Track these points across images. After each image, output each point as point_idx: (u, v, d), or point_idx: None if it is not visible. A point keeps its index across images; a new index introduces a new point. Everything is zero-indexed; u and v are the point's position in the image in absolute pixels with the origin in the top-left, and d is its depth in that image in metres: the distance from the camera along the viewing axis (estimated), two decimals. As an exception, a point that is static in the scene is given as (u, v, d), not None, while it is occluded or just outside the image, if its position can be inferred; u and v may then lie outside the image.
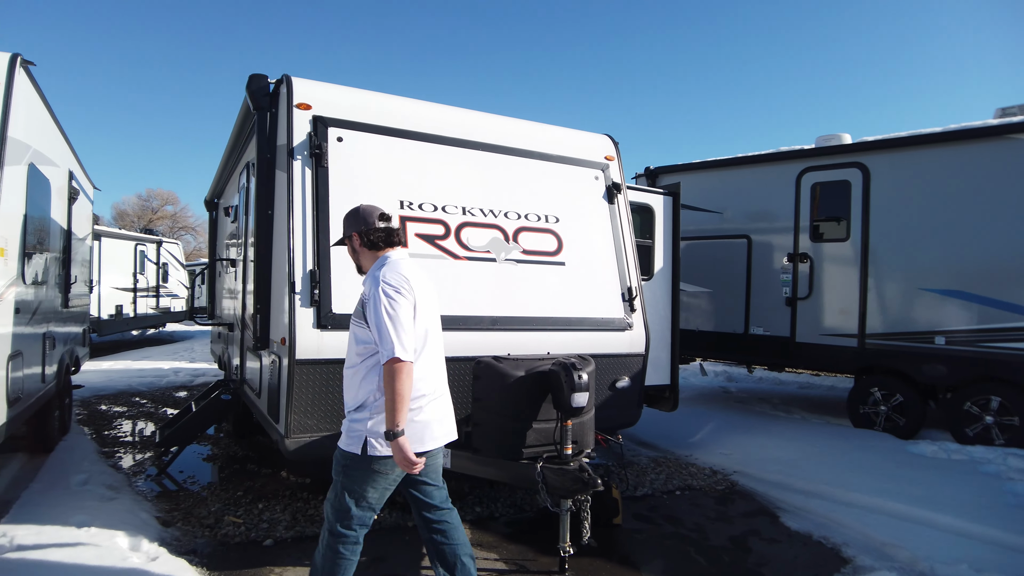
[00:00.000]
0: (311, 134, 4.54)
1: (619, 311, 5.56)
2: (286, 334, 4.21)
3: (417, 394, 2.80)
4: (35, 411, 5.51)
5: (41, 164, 5.34)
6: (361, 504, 2.85)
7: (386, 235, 3.04)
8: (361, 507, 2.86)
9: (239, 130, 6.17)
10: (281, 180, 4.63)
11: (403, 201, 4.78)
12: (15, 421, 4.68)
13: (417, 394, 2.80)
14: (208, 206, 10.24)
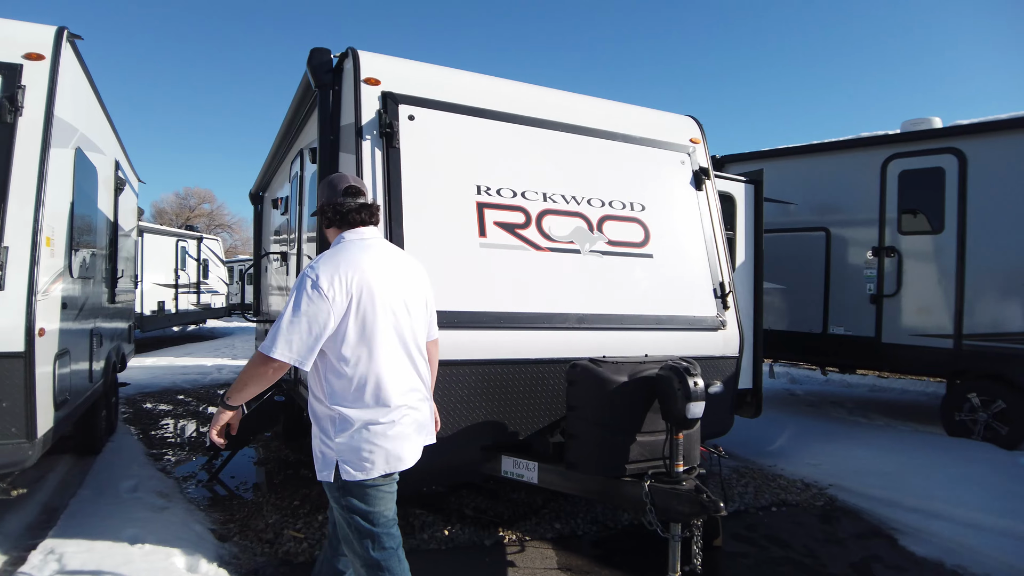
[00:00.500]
0: (380, 111, 4.10)
1: (711, 309, 5.03)
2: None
3: (368, 408, 2.42)
4: (82, 412, 5.18)
5: (88, 150, 5.00)
6: (379, 522, 2.48)
7: (344, 213, 2.63)
8: (380, 525, 2.48)
9: (292, 115, 5.76)
10: (347, 163, 4.20)
11: (480, 186, 4.31)
12: (62, 424, 4.34)
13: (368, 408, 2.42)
14: (253, 199, 9.92)
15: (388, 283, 2.50)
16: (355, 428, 2.40)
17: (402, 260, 2.69)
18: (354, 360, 2.39)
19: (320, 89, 4.38)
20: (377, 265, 2.50)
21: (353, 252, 2.50)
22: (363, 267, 2.44)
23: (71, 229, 4.50)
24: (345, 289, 2.36)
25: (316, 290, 2.33)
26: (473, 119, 4.43)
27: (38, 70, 3.94)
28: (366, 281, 2.42)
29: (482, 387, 4.06)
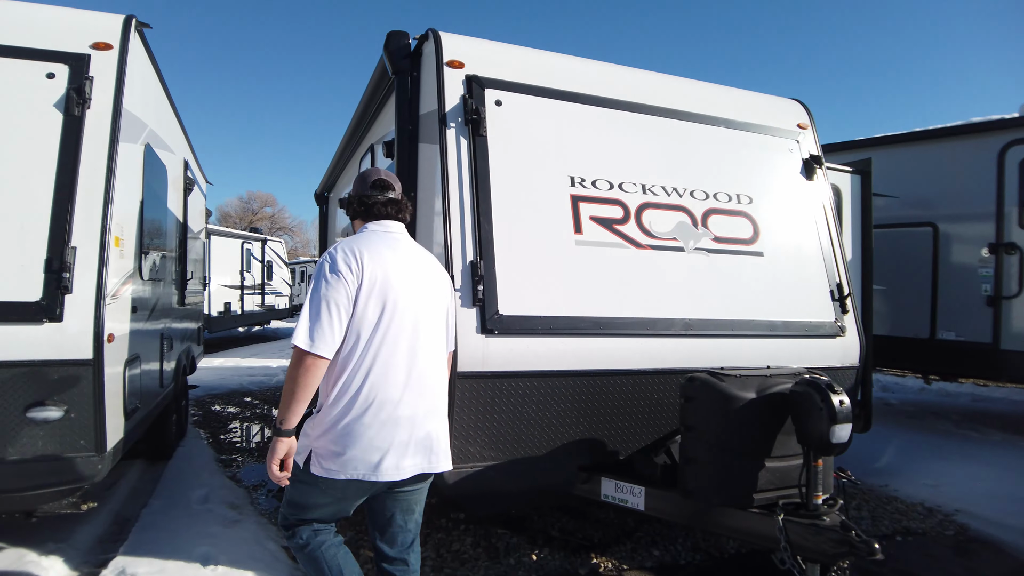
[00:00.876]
0: (465, 97, 3.72)
1: (828, 313, 4.47)
2: (443, 341, 3.41)
3: (354, 403, 2.25)
4: (154, 418, 4.99)
5: (158, 148, 4.80)
6: (305, 520, 2.41)
7: (369, 205, 2.56)
8: (306, 524, 2.42)
9: (364, 108, 5.46)
10: (428, 155, 3.85)
11: (574, 177, 3.89)
12: (133, 434, 4.12)
13: (354, 403, 2.25)
14: (318, 200, 9.75)
15: (406, 281, 2.37)
16: (332, 425, 2.25)
17: (426, 262, 2.56)
18: (348, 351, 2.26)
19: (398, 76, 4.04)
20: (399, 260, 2.40)
21: (375, 241, 2.41)
22: (384, 257, 2.35)
23: (141, 230, 4.29)
24: (360, 273, 2.27)
25: (334, 273, 2.25)
26: (565, 104, 4.01)
27: (106, 60, 3.72)
28: (384, 272, 2.31)
29: (579, 401, 3.64)
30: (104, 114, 3.62)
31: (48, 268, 3.33)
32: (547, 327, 3.51)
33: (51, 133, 3.51)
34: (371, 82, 4.80)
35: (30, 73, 3.58)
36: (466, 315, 3.38)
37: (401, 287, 2.33)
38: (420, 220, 3.94)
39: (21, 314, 3.26)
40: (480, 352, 3.37)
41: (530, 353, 3.48)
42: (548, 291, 3.61)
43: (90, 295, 3.36)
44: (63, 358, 3.30)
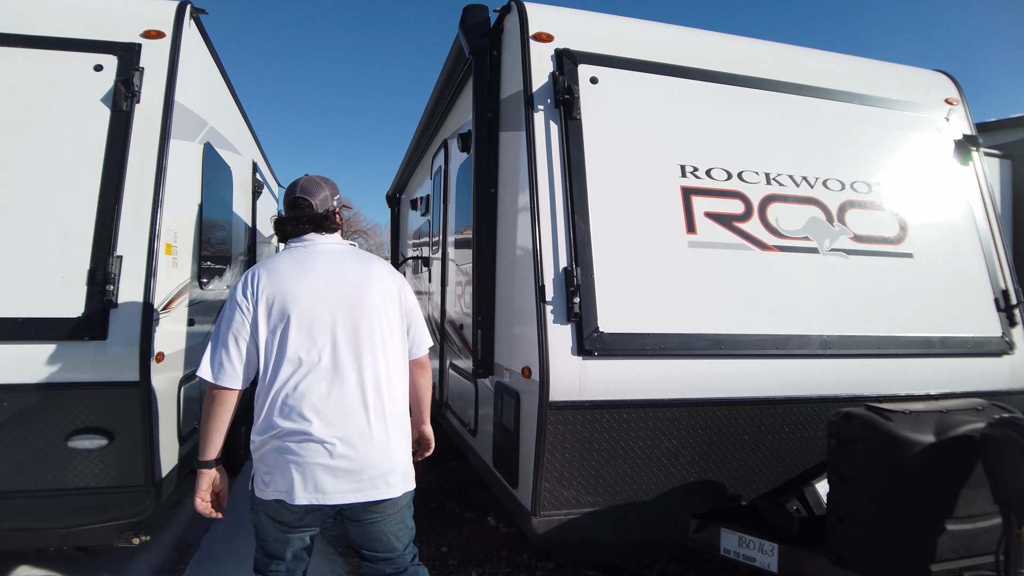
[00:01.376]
0: (555, 74, 3.16)
1: (993, 325, 3.66)
2: (532, 362, 2.87)
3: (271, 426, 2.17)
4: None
5: (220, 147, 4.46)
6: (262, 549, 2.35)
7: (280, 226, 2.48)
8: (264, 552, 2.34)
9: (437, 100, 4.99)
10: (512, 144, 3.32)
11: (685, 166, 3.27)
12: (191, 459, 3.76)
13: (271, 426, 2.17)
14: (389, 202, 9.45)
15: (314, 293, 2.23)
16: (261, 445, 2.21)
17: (356, 269, 2.34)
18: (262, 374, 2.21)
19: (476, 56, 3.54)
20: (308, 274, 2.26)
21: (279, 259, 2.32)
22: (283, 275, 2.25)
23: (199, 235, 3.93)
24: (254, 297, 2.22)
25: (232, 301, 2.25)
26: (671, 80, 3.39)
27: (157, 50, 3.36)
28: (282, 289, 2.22)
29: (695, 435, 3.02)
30: (154, 108, 3.26)
31: (91, 280, 2.98)
32: (656, 347, 2.92)
33: (98, 130, 3.17)
34: (445, 68, 4.32)
35: (77, 66, 3.26)
36: (559, 333, 2.82)
37: (309, 303, 2.21)
38: (502, 221, 3.42)
39: (62, 331, 2.92)
40: (576, 378, 2.80)
41: (636, 378, 2.90)
42: (657, 303, 3.01)
43: (136, 309, 3.00)
44: (107, 380, 2.95)
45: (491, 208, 3.49)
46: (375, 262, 2.43)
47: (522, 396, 3.00)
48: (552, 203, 2.98)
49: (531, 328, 2.88)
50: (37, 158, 3.10)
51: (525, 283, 3.01)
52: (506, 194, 3.38)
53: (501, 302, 3.39)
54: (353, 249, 2.45)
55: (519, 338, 3.08)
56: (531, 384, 2.87)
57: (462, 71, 4.11)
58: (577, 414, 2.82)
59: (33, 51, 3.23)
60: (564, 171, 3.03)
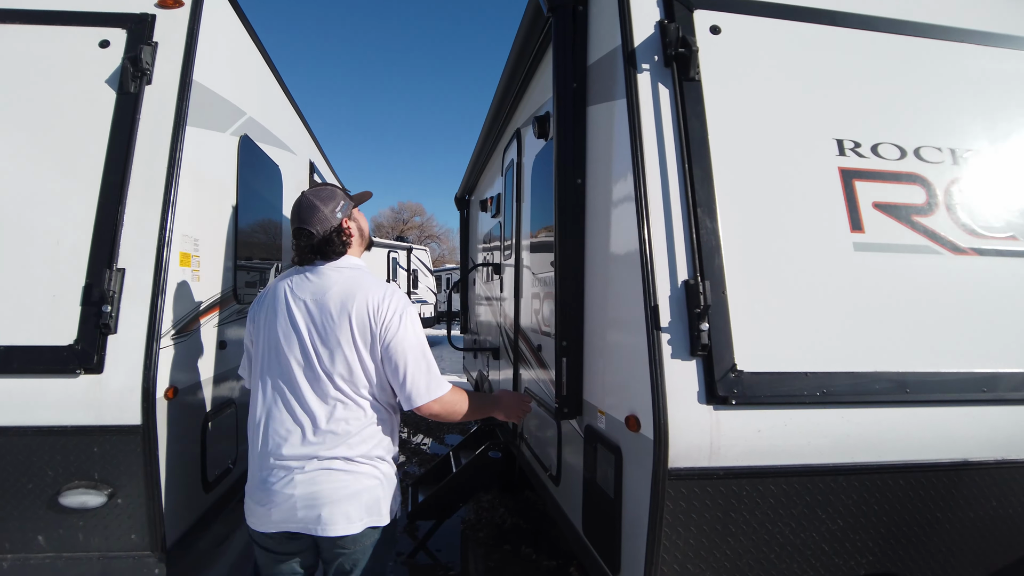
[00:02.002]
0: (663, 22, 2.38)
1: None
2: (641, 410, 2.10)
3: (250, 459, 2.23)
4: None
5: (263, 142, 3.90)
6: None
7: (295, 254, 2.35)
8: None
9: (506, 85, 4.28)
10: (604, 119, 2.57)
11: (842, 141, 2.42)
12: (223, 506, 3.19)
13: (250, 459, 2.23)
14: (459, 204, 8.83)
15: (284, 318, 2.19)
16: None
17: (322, 291, 2.18)
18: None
19: (556, 13, 2.80)
20: (282, 297, 2.22)
21: (272, 284, 2.33)
22: (263, 302, 2.31)
23: (235, 242, 3.37)
24: (249, 321, 2.36)
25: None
26: (818, 28, 2.55)
27: (174, 22, 2.80)
28: (259, 315, 2.31)
29: (869, 515, 2.16)
30: (168, 90, 2.68)
31: (87, 298, 2.42)
32: (816, 391, 2.09)
33: (101, 118, 2.62)
34: (517, 40, 3.60)
35: (79, 42, 2.73)
36: (681, 372, 2.04)
37: (276, 327, 2.20)
38: (593, 218, 2.66)
39: (50, 362, 2.36)
40: (706, 435, 2.01)
41: (788, 436, 2.08)
42: (814, 329, 2.18)
43: (139, 335, 2.41)
44: (103, 423, 2.37)
45: (577, 203, 2.74)
46: (360, 297, 2.15)
47: (626, 454, 2.23)
48: (665, 193, 2.20)
49: (638, 363, 2.11)
50: (27, 152, 2.57)
51: (628, 301, 2.24)
52: (597, 184, 2.62)
53: (593, 324, 2.63)
54: (349, 276, 2.24)
55: (621, 375, 2.31)
56: (640, 441, 2.10)
57: (538, 39, 3.38)
58: (707, 486, 2.03)
59: (26, 27, 2.72)
60: (680, 149, 2.24)
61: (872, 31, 2.59)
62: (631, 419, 2.15)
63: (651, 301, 2.07)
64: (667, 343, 2.05)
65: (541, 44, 3.44)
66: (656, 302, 2.07)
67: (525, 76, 3.95)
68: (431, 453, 7.16)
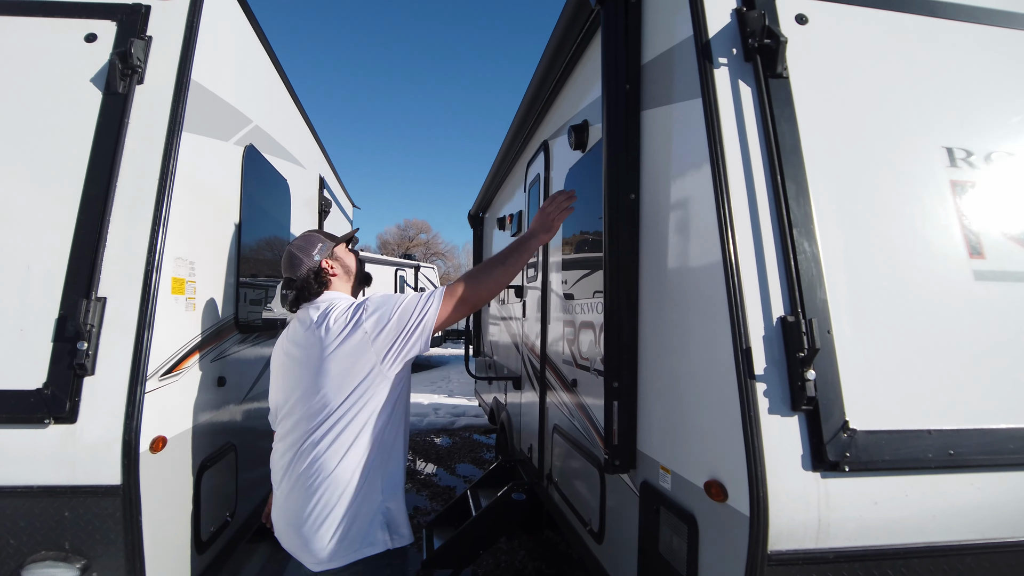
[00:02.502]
0: (740, 10, 2.02)
1: None
2: (728, 475, 1.71)
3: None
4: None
5: (270, 153, 3.55)
6: None
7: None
8: None
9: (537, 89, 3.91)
10: (660, 126, 2.21)
11: (951, 150, 2.05)
12: (220, 565, 2.79)
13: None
14: (472, 221, 8.49)
15: (275, 365, 2.32)
16: None
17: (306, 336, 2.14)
18: None
19: (605, 6, 2.45)
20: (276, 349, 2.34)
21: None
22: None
23: (237, 265, 3.01)
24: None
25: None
26: (919, 19, 2.19)
27: (172, 13, 2.45)
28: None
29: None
30: (162, 90, 2.33)
31: (59, 333, 2.05)
32: (943, 452, 1.70)
33: (84, 121, 2.27)
34: (553, 39, 3.24)
35: (62, 36, 2.38)
36: (779, 430, 1.65)
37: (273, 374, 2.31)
38: (649, 240, 2.29)
39: (14, 410, 1.99)
40: (813, 509, 1.62)
41: (911, 507, 1.69)
42: (935, 376, 1.79)
43: (122, 377, 2.04)
44: (76, 483, 1.99)
45: (631, 221, 2.37)
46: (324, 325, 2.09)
47: (704, 527, 1.84)
48: (753, 211, 1.83)
49: (724, 418, 1.72)
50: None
51: (707, 340, 1.86)
52: (657, 199, 2.25)
53: (650, 362, 2.25)
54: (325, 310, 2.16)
55: (695, 429, 1.92)
56: (726, 514, 1.71)
57: (577, 36, 3.03)
58: (813, 572, 1.63)
59: (3, 19, 2.37)
60: (768, 158, 1.87)
61: (980, 24, 2.22)
62: (713, 486, 1.75)
63: (742, 342, 1.69)
64: (763, 394, 1.66)
65: (579, 43, 3.10)
66: (748, 343, 1.69)
67: (556, 82, 3.60)
68: (443, 485, 6.74)
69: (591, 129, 3.09)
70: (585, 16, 2.82)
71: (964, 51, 2.18)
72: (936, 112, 2.08)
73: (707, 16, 2.02)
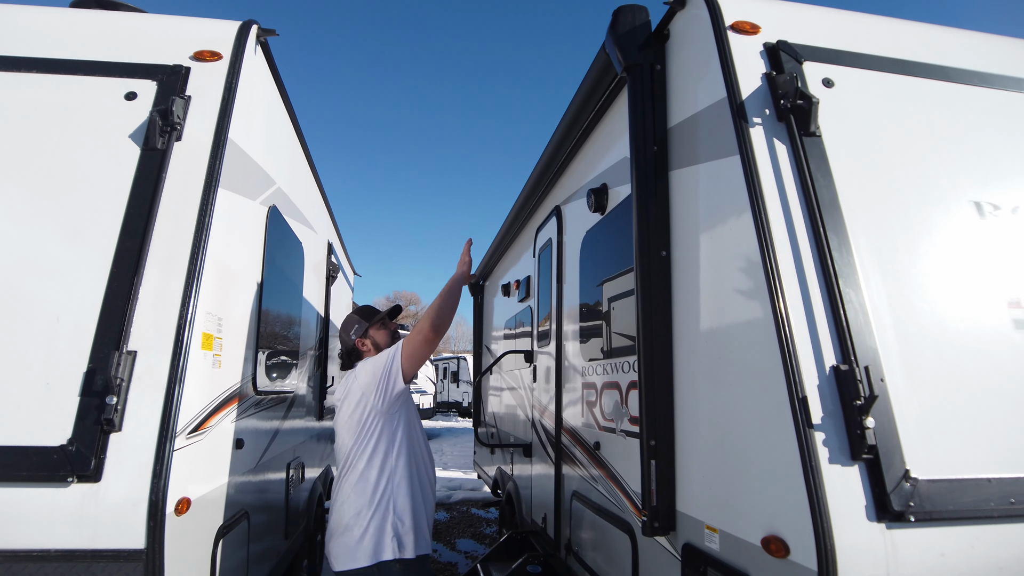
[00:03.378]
0: (770, 75, 2.11)
1: None
2: (790, 530, 1.65)
3: None
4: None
5: (290, 216, 3.58)
6: None
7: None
8: None
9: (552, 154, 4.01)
10: (687, 186, 2.27)
11: (979, 204, 2.11)
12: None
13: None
14: (472, 289, 8.50)
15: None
16: None
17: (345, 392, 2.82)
18: None
19: (632, 72, 2.55)
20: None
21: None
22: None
23: (258, 323, 2.97)
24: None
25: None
26: (935, 84, 2.30)
27: (211, 76, 2.52)
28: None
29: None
30: (200, 147, 2.37)
31: (87, 387, 1.99)
32: (1005, 501, 1.67)
33: (122, 176, 2.29)
34: (573, 105, 3.35)
35: (102, 94, 2.43)
36: (840, 480, 1.61)
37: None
38: (682, 297, 2.30)
39: (36, 467, 1.90)
40: (881, 562, 1.57)
41: (977, 558, 1.64)
42: (988, 423, 1.78)
43: (150, 434, 1.97)
44: (97, 547, 1.89)
45: (663, 278, 2.39)
46: (351, 377, 2.82)
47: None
48: (797, 262, 1.85)
49: (782, 470, 1.68)
50: (32, 212, 2.21)
51: (756, 392, 1.84)
52: (688, 255, 2.28)
53: (688, 420, 2.22)
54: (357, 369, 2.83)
55: (748, 485, 1.87)
56: (787, 570, 1.65)
57: (597, 103, 3.14)
58: (885, 633, 1.56)
59: (45, 76, 2.42)
60: (808, 212, 1.91)
61: (992, 88, 2.34)
62: (772, 541, 1.69)
63: (798, 392, 1.67)
64: (821, 444, 1.63)
65: (597, 110, 3.20)
66: (804, 392, 1.67)
67: (572, 148, 3.70)
68: (443, 561, 6.46)
69: (610, 192, 3.15)
70: (608, 82, 2.93)
71: (979, 113, 2.28)
72: (960, 169, 2.15)
73: (739, 79, 2.10)
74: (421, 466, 2.77)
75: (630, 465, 2.68)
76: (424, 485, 2.77)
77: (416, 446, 2.77)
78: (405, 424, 2.73)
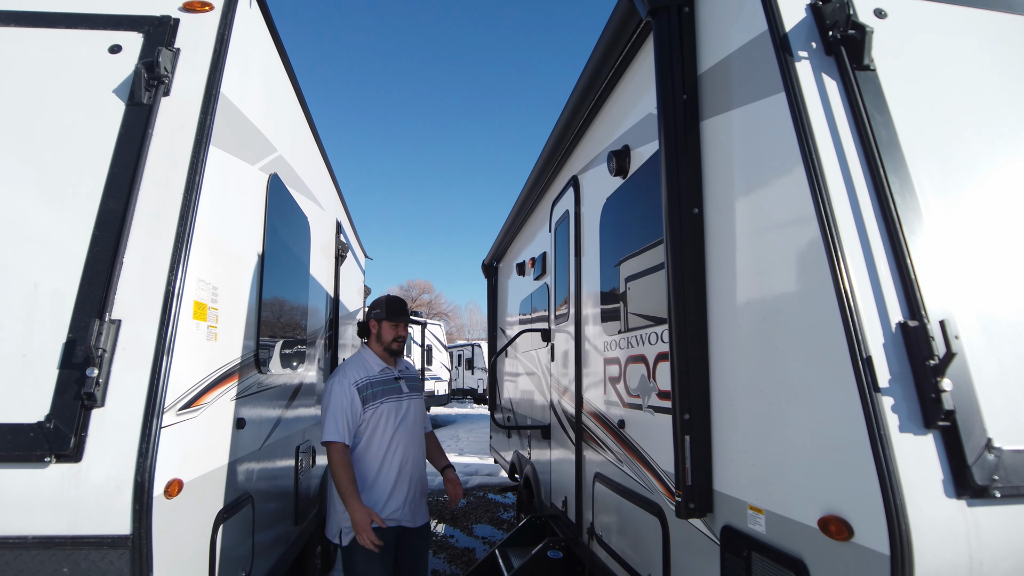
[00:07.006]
0: (816, 5, 1.88)
1: None
2: (854, 509, 1.45)
3: None
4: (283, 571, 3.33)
5: (293, 188, 3.39)
6: None
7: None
8: None
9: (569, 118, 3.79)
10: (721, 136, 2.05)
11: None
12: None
13: None
14: (486, 271, 8.30)
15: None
16: None
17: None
18: None
19: (657, 16, 2.33)
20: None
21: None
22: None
23: (259, 296, 2.80)
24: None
25: None
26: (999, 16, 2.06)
27: (202, 27, 2.33)
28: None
29: None
30: (189, 102, 2.18)
31: (66, 359, 1.82)
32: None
33: (105, 133, 2.11)
34: (591, 63, 3.13)
35: (85, 47, 2.25)
36: (913, 451, 1.41)
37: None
38: (718, 257, 2.09)
39: (10, 446, 1.74)
40: (962, 542, 1.36)
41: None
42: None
43: (134, 408, 1.80)
44: (78, 533, 1.72)
45: (695, 238, 2.18)
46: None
47: (816, 571, 1.56)
48: (855, 208, 1.63)
49: (843, 439, 1.48)
50: (9, 174, 2.04)
51: (810, 354, 1.63)
52: (724, 211, 2.07)
53: (727, 391, 2.01)
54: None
55: (800, 460, 1.66)
56: (851, 554, 1.44)
57: (619, 56, 2.91)
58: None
59: (24, 30, 2.24)
60: (864, 153, 1.69)
61: (1062, 20, 2.09)
62: (832, 522, 1.49)
63: (862, 351, 1.46)
64: (890, 410, 1.42)
65: (619, 65, 2.98)
66: (868, 352, 1.46)
67: (590, 111, 3.48)
68: (460, 547, 6.31)
69: (633, 153, 2.94)
70: (630, 31, 2.70)
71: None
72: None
73: (780, 9, 1.88)
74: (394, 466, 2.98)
75: (659, 443, 2.49)
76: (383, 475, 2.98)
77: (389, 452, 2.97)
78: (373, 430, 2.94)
